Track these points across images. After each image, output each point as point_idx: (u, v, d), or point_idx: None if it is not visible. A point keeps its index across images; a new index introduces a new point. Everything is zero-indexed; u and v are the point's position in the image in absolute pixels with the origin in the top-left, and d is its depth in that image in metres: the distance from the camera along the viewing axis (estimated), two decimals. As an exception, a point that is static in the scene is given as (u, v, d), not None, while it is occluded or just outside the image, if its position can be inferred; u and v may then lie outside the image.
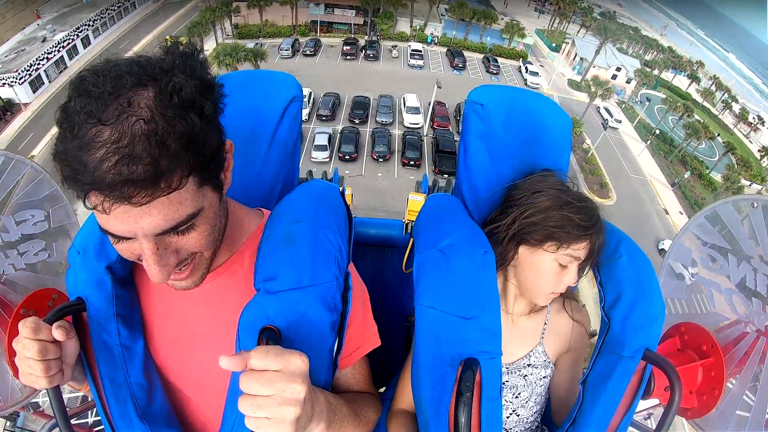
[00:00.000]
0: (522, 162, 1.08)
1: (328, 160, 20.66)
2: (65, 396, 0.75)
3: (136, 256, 0.63)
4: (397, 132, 23.37)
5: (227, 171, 0.70)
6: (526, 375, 1.00)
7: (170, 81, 0.55)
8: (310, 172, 2.65)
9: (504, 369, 0.97)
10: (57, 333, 0.69)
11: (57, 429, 1.05)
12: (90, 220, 0.83)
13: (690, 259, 1.30)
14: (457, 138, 21.14)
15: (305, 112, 22.63)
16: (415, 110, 24.28)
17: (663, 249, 19.55)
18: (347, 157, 20.96)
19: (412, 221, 1.12)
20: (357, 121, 23.72)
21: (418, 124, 23.74)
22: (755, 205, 1.14)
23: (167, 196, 0.56)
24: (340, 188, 0.96)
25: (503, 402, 0.95)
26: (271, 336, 0.68)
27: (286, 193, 0.93)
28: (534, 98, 1.12)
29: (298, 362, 0.59)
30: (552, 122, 1.09)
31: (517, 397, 1.00)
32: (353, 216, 0.95)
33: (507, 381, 0.99)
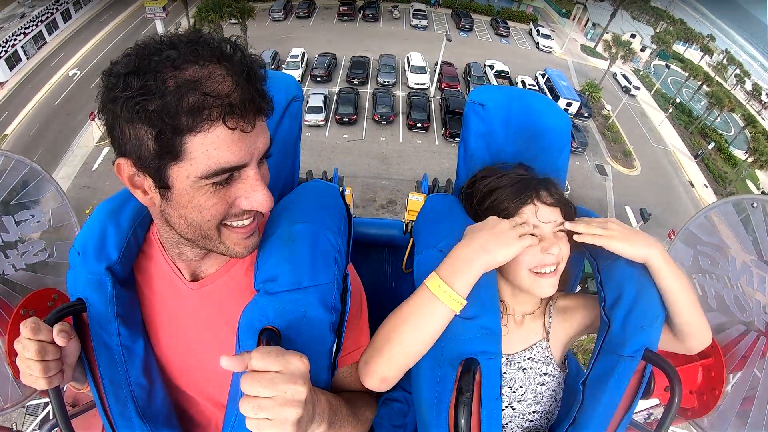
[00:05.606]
0: (522, 161, 1.08)
1: (323, 123, 18.50)
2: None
3: (229, 203, 0.66)
4: (400, 93, 21.19)
5: None
6: (524, 368, 0.99)
7: (228, 39, 0.65)
8: (310, 172, 2.66)
9: (504, 359, 0.96)
10: (59, 339, 0.69)
11: (57, 429, 1.05)
12: (90, 221, 0.83)
13: (689, 256, 1.30)
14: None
15: (298, 72, 20.52)
16: (421, 70, 21.95)
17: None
18: (345, 119, 18.68)
19: (412, 221, 1.12)
20: (356, 82, 21.41)
21: (424, 84, 21.50)
22: (755, 205, 1.13)
23: (263, 121, 0.67)
24: (340, 188, 0.96)
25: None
26: (271, 337, 0.68)
27: (286, 193, 0.93)
28: (534, 98, 1.12)
29: (298, 363, 0.59)
30: (551, 122, 1.09)
31: (514, 391, 1.00)
32: (353, 216, 0.95)
33: (505, 373, 0.98)
